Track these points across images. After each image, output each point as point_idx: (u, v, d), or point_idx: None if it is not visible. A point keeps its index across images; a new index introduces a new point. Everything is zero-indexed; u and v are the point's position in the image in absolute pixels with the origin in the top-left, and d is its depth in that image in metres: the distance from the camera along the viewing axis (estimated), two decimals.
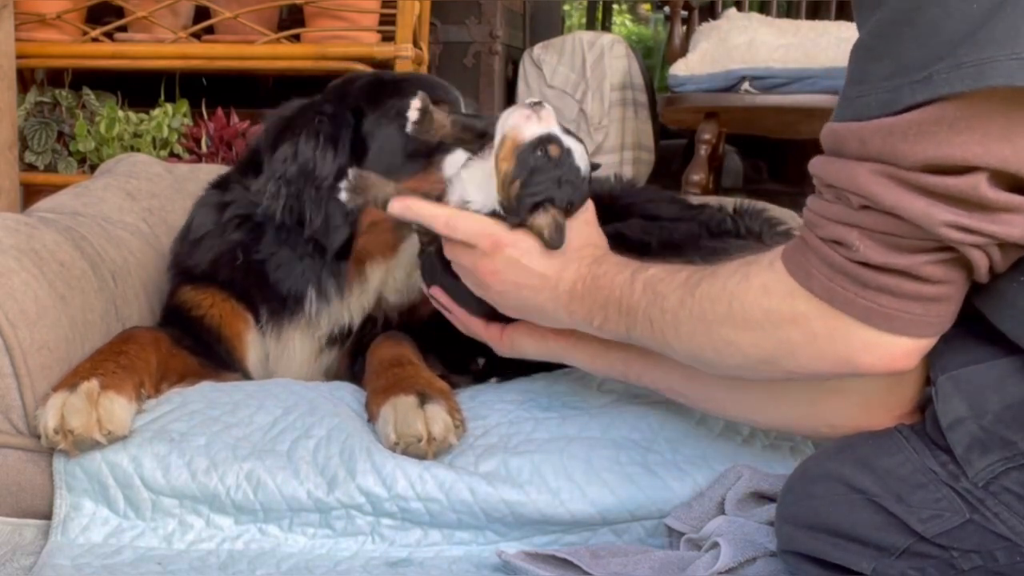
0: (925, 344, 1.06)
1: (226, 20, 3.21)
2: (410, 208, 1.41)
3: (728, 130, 4.15)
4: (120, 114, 3.27)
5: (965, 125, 0.91)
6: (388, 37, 3.18)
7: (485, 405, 1.57)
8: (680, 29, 3.96)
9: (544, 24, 5.11)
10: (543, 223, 1.31)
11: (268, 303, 1.71)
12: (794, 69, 3.43)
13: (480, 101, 4.18)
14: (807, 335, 1.07)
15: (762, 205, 2.07)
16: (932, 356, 1.11)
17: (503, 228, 1.34)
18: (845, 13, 3.95)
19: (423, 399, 1.43)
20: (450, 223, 1.37)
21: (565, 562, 1.29)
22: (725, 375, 1.23)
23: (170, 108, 3.30)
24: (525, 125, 1.30)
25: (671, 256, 1.48)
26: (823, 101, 3.33)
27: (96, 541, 1.38)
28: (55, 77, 3.49)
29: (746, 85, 3.48)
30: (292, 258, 1.67)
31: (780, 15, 4.24)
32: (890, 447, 1.14)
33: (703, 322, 1.15)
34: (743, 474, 1.37)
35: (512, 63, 4.49)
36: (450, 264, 1.42)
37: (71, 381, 1.40)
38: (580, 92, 4.34)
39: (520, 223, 1.33)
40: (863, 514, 1.12)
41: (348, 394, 1.59)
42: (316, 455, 1.41)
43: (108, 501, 1.40)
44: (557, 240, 1.31)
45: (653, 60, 6.71)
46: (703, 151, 3.68)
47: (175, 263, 1.80)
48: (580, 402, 1.57)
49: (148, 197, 2.09)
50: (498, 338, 1.50)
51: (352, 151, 1.65)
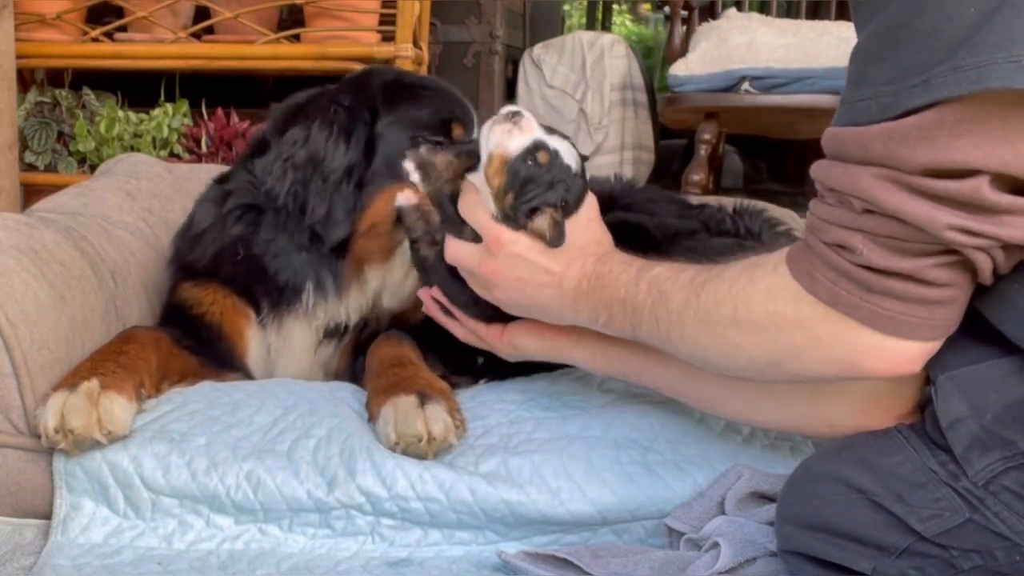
0: (930, 347, 1.05)
1: (226, 20, 3.21)
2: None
3: (728, 130, 4.15)
4: (120, 114, 3.27)
5: (965, 129, 0.91)
6: (388, 37, 3.19)
7: (485, 405, 1.57)
8: (680, 29, 3.96)
9: (544, 24, 5.11)
10: (543, 225, 1.32)
11: (268, 295, 1.71)
12: (794, 69, 3.44)
13: (480, 101, 4.19)
14: (812, 339, 1.07)
15: (762, 205, 2.07)
16: (932, 356, 1.11)
17: (505, 226, 1.34)
18: (845, 13, 3.95)
19: (423, 399, 1.43)
20: (468, 206, 1.38)
21: (565, 562, 1.29)
22: (730, 376, 1.23)
23: (170, 108, 3.30)
24: (509, 139, 1.33)
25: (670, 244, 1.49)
26: (823, 101, 3.33)
27: (96, 541, 1.38)
28: (55, 77, 3.49)
29: (746, 85, 3.48)
30: (290, 248, 1.68)
31: (780, 15, 4.24)
32: (890, 447, 1.14)
33: (708, 324, 1.15)
34: (743, 474, 1.37)
35: (512, 63, 4.49)
36: (453, 267, 1.43)
37: (71, 381, 1.40)
38: (580, 92, 4.34)
39: (520, 227, 1.34)
40: (863, 514, 1.12)
41: (348, 394, 1.59)
42: (316, 455, 1.41)
43: (108, 501, 1.40)
44: (557, 239, 1.32)
45: (653, 60, 6.71)
46: (703, 151, 3.69)
47: (176, 258, 1.80)
48: (580, 402, 1.57)
49: (148, 197, 2.09)
50: (498, 338, 1.50)
51: (365, 149, 1.66)
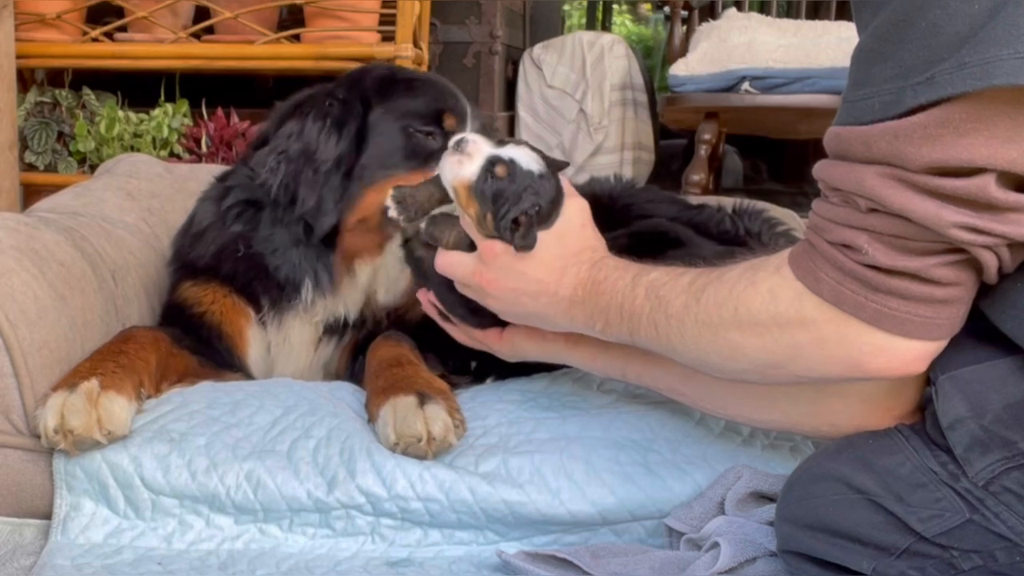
0: (935, 347, 1.05)
1: (226, 20, 3.21)
2: None
3: (728, 130, 4.15)
4: (120, 114, 3.27)
5: (971, 127, 0.91)
6: (388, 37, 3.19)
7: (485, 405, 1.57)
8: (680, 29, 3.97)
9: (544, 24, 5.11)
10: (524, 226, 1.33)
11: (268, 293, 1.71)
12: (794, 69, 3.44)
13: (480, 101, 4.18)
14: (816, 339, 1.07)
15: (762, 205, 2.07)
16: (939, 352, 1.10)
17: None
18: (845, 13, 3.95)
19: (423, 399, 1.43)
20: (465, 222, 1.38)
21: (565, 562, 1.29)
22: (732, 379, 1.23)
23: (170, 108, 3.30)
24: (462, 168, 1.35)
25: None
26: (823, 101, 3.33)
27: (96, 541, 1.38)
28: (55, 77, 3.49)
29: (746, 85, 3.48)
30: (288, 243, 1.69)
31: (780, 15, 4.24)
32: (890, 447, 1.14)
33: (709, 327, 1.15)
34: (743, 474, 1.37)
35: (512, 63, 4.49)
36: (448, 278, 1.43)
37: (71, 381, 1.40)
38: (580, 92, 4.34)
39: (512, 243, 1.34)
40: (863, 514, 1.12)
41: (348, 394, 1.59)
42: (316, 455, 1.42)
43: (108, 501, 1.40)
44: (523, 242, 1.31)
45: (653, 60, 6.71)
46: (703, 151, 3.68)
47: (177, 257, 1.81)
48: (580, 402, 1.57)
49: (148, 197, 2.09)
50: (497, 341, 1.50)
51: (355, 140, 1.67)
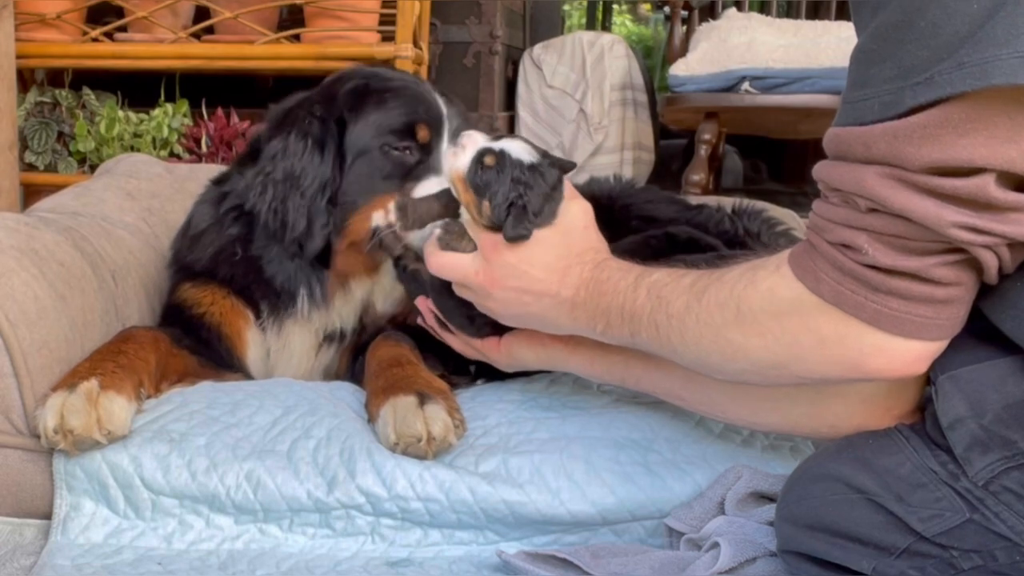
0: (935, 348, 1.05)
1: (226, 20, 3.21)
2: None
3: (728, 130, 4.15)
4: (120, 114, 3.27)
5: (970, 127, 0.91)
6: (388, 37, 3.19)
7: (485, 405, 1.57)
8: (680, 29, 3.97)
9: (544, 24, 5.11)
10: (517, 212, 1.34)
11: (267, 298, 1.72)
12: (794, 69, 3.44)
13: (480, 101, 4.18)
14: (816, 339, 1.07)
15: (762, 205, 2.07)
16: (940, 353, 1.10)
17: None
18: (845, 13, 3.95)
19: (423, 399, 1.43)
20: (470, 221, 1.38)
21: (565, 562, 1.29)
22: (732, 380, 1.22)
23: (170, 108, 3.30)
24: (456, 161, 1.38)
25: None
26: (823, 101, 3.33)
27: (96, 541, 1.38)
28: (55, 77, 3.50)
29: (746, 85, 3.48)
30: (283, 255, 1.69)
31: (780, 15, 4.24)
32: (890, 447, 1.14)
33: (711, 327, 1.15)
34: (743, 474, 1.37)
35: (512, 63, 4.49)
36: (445, 285, 1.43)
37: (70, 381, 1.40)
38: (580, 92, 4.34)
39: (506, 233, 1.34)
40: (863, 514, 1.12)
41: (348, 394, 1.59)
42: (316, 455, 1.42)
43: (108, 501, 1.40)
44: (514, 233, 1.32)
45: (653, 60, 6.71)
46: (703, 151, 3.68)
47: (175, 259, 1.81)
48: (580, 402, 1.57)
49: (148, 197, 2.09)
50: (495, 350, 1.50)
51: (336, 162, 1.66)
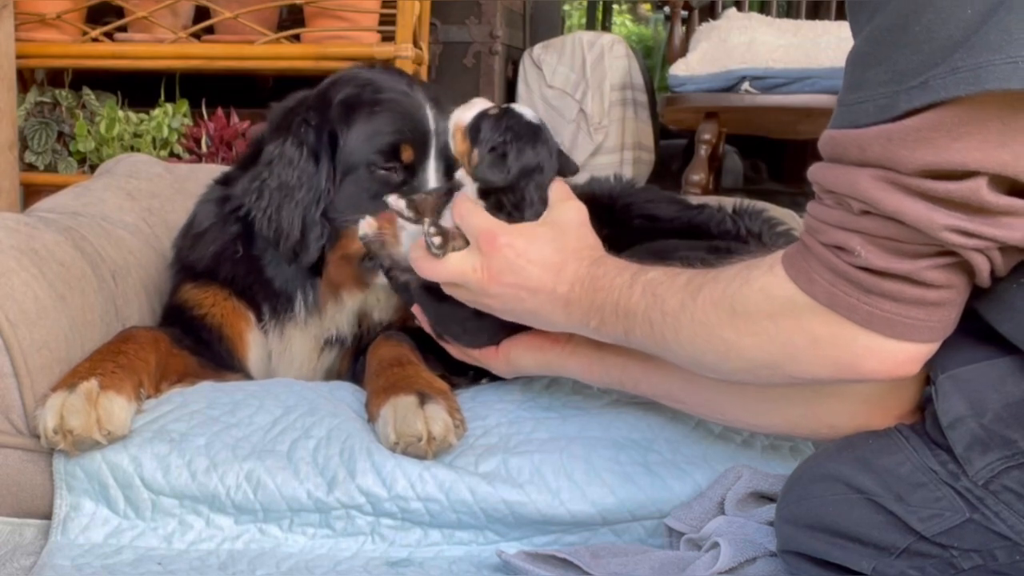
0: (927, 349, 1.05)
1: (226, 20, 3.21)
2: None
3: (728, 130, 4.14)
4: (120, 114, 3.28)
5: (964, 131, 0.92)
6: (388, 37, 3.19)
7: (485, 405, 1.57)
8: (680, 29, 3.96)
9: (544, 24, 5.11)
10: (499, 163, 1.35)
11: (269, 300, 1.72)
12: (794, 69, 3.43)
13: None
14: (809, 340, 1.07)
15: (762, 205, 2.07)
16: (932, 355, 1.11)
17: (501, 226, 1.34)
18: (845, 13, 3.94)
19: (423, 399, 1.43)
20: (463, 212, 1.37)
21: (565, 562, 1.29)
22: (726, 379, 1.22)
23: (170, 108, 3.30)
24: (462, 113, 1.40)
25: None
26: (823, 101, 3.33)
27: (96, 541, 1.38)
28: (55, 77, 3.50)
29: (746, 85, 3.48)
30: (280, 258, 1.69)
31: (780, 15, 4.23)
32: (890, 447, 1.14)
33: (705, 325, 1.15)
34: (743, 474, 1.37)
35: (512, 63, 4.49)
36: (437, 292, 1.42)
37: (70, 381, 1.40)
38: (580, 92, 4.34)
39: (495, 186, 1.36)
40: (863, 513, 1.12)
41: (348, 394, 1.59)
42: (316, 455, 1.41)
43: (108, 501, 1.40)
44: (485, 172, 1.34)
45: (653, 60, 6.71)
46: (703, 151, 3.68)
47: (177, 259, 1.81)
48: (580, 402, 1.57)
49: (148, 197, 2.09)
50: (493, 357, 1.50)
51: (330, 174, 1.65)
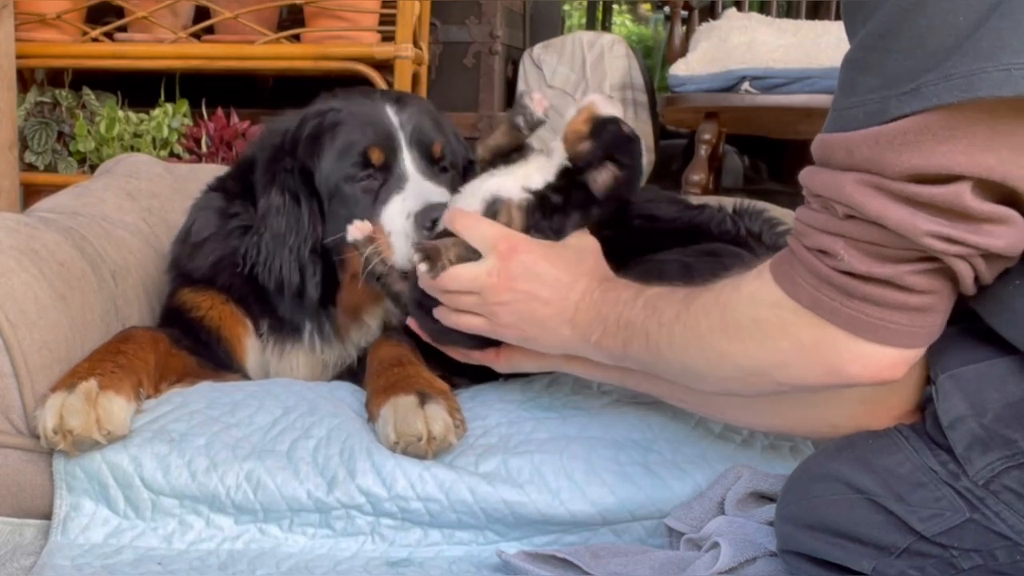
0: (912, 354, 1.06)
1: (226, 20, 3.21)
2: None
3: (728, 130, 4.14)
4: (120, 114, 3.28)
5: (949, 135, 0.92)
6: (388, 37, 3.19)
7: (485, 405, 1.57)
8: (680, 29, 3.96)
9: (544, 24, 5.10)
10: (607, 176, 1.39)
11: (268, 318, 1.72)
12: (794, 69, 3.43)
13: (480, 101, 4.18)
14: (795, 345, 1.08)
15: (762, 205, 2.07)
16: (932, 355, 1.11)
17: (521, 236, 1.35)
18: None
19: (423, 399, 1.43)
20: (467, 225, 1.38)
21: (565, 562, 1.29)
22: (718, 389, 1.23)
23: (170, 108, 3.30)
24: (603, 104, 1.41)
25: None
26: (823, 101, 3.31)
27: (96, 541, 1.38)
28: (55, 77, 3.50)
29: (746, 85, 3.47)
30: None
31: (780, 15, 4.23)
32: (890, 446, 1.14)
33: (696, 333, 1.16)
34: (743, 474, 1.37)
35: (512, 63, 4.49)
36: (431, 302, 1.42)
37: (69, 381, 1.40)
38: (580, 92, 4.33)
39: (581, 176, 1.39)
40: (863, 513, 1.12)
41: (348, 394, 1.59)
42: (316, 455, 1.41)
43: (108, 501, 1.40)
44: (625, 192, 1.40)
45: (653, 60, 6.71)
46: (703, 151, 3.68)
47: (174, 265, 1.80)
48: (580, 402, 1.58)
49: (148, 197, 2.09)
50: (495, 359, 1.50)
51: (316, 207, 1.66)
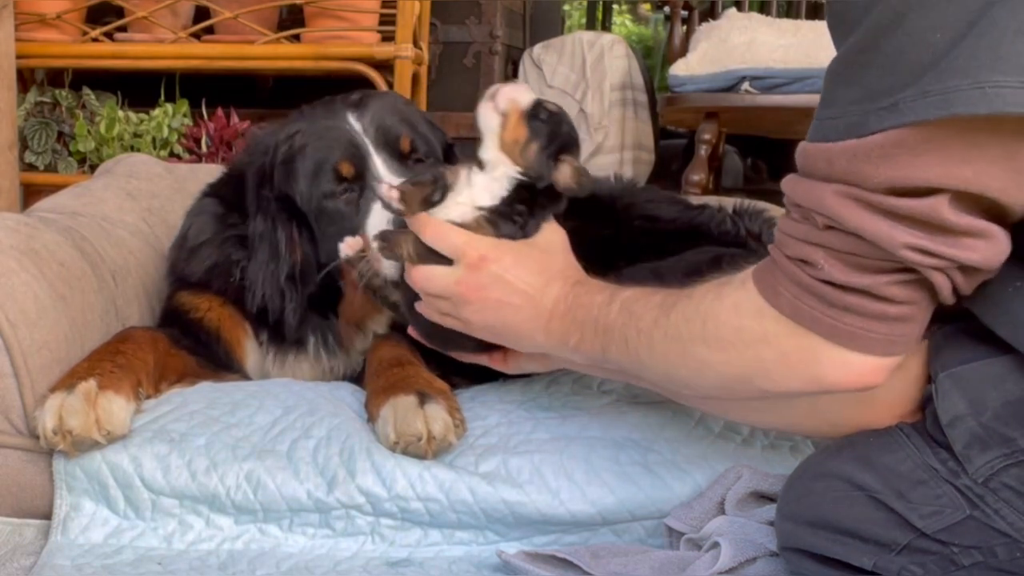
0: (891, 362, 1.06)
1: (226, 20, 3.21)
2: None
3: (728, 130, 4.14)
4: (120, 114, 3.27)
5: (925, 148, 0.93)
6: (388, 37, 3.19)
7: (485, 405, 1.57)
8: (680, 29, 3.96)
9: (544, 24, 5.10)
10: (567, 174, 1.37)
11: (268, 330, 1.72)
12: (794, 69, 3.43)
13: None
14: (777, 353, 1.08)
15: (762, 205, 2.07)
16: (932, 353, 1.12)
17: (488, 242, 1.35)
18: None
19: (423, 398, 1.43)
20: (436, 235, 1.37)
21: (565, 562, 1.29)
22: (701, 396, 1.23)
23: (170, 108, 3.30)
24: (517, 94, 1.38)
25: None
26: None
27: (96, 541, 1.38)
28: (55, 77, 3.49)
29: (746, 85, 3.47)
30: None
31: (780, 15, 4.23)
32: (891, 444, 1.14)
33: (678, 342, 1.16)
34: (743, 474, 1.37)
35: (512, 63, 4.49)
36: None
37: (68, 382, 1.40)
38: (580, 92, 4.33)
39: (541, 193, 1.37)
40: (864, 510, 1.12)
41: (348, 394, 1.59)
42: (316, 455, 1.41)
43: (108, 501, 1.40)
44: (587, 182, 1.36)
45: (653, 60, 6.71)
46: (703, 151, 3.68)
47: (172, 271, 1.80)
48: (580, 402, 1.57)
49: (148, 197, 2.09)
50: (502, 362, 1.50)
51: (292, 233, 1.66)
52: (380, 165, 1.62)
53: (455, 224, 1.37)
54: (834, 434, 1.23)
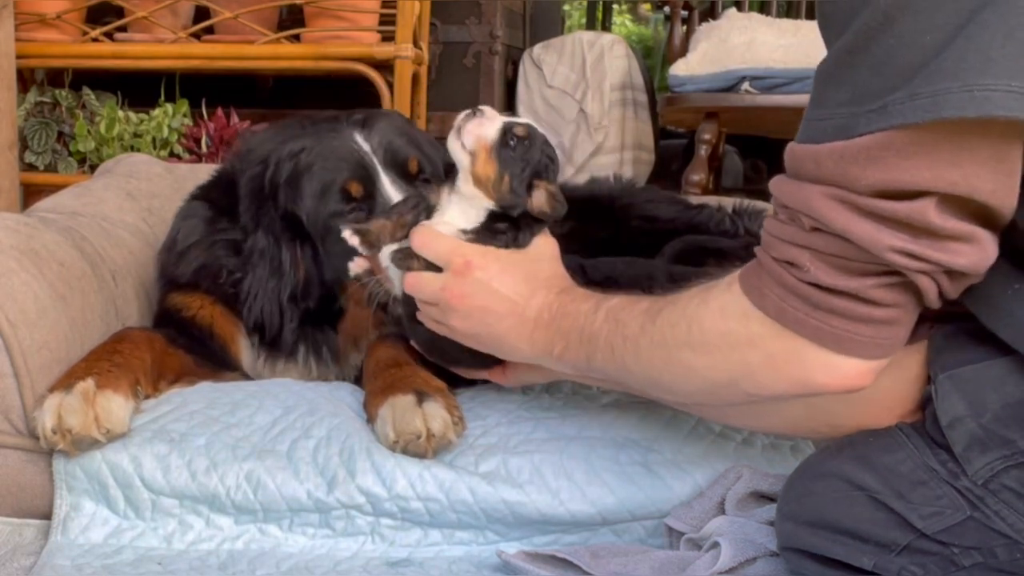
0: (877, 364, 1.06)
1: (226, 20, 3.21)
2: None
3: (728, 130, 4.14)
4: (120, 114, 3.27)
5: (914, 150, 0.92)
6: (388, 37, 3.19)
7: (485, 405, 1.57)
8: (680, 29, 3.96)
9: (544, 24, 5.10)
10: (542, 199, 1.36)
11: (259, 332, 1.71)
12: (794, 69, 3.43)
13: (480, 101, 4.18)
14: (763, 356, 1.08)
15: (762, 205, 2.07)
16: (932, 355, 1.11)
17: (475, 249, 1.35)
18: None
19: (421, 397, 1.43)
20: (423, 242, 1.37)
21: (565, 562, 1.29)
22: (687, 401, 1.23)
23: (170, 108, 3.30)
24: (483, 129, 1.36)
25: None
26: None
27: (96, 541, 1.38)
28: (55, 77, 3.49)
29: (746, 85, 3.47)
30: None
31: (780, 15, 4.23)
32: (891, 445, 1.14)
33: (663, 347, 1.15)
34: (743, 474, 1.37)
35: (512, 63, 4.49)
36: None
37: (66, 382, 1.40)
38: (580, 92, 4.33)
39: (524, 212, 1.36)
40: (864, 511, 1.12)
41: (348, 394, 1.59)
42: (316, 455, 1.41)
43: (108, 501, 1.40)
44: (561, 206, 1.35)
45: (653, 60, 6.70)
46: (703, 151, 3.68)
47: (162, 273, 1.80)
48: (580, 402, 1.58)
49: (148, 197, 2.09)
50: (502, 376, 1.50)
51: (296, 252, 1.65)
52: (388, 185, 1.62)
53: None
54: (833, 435, 1.23)
